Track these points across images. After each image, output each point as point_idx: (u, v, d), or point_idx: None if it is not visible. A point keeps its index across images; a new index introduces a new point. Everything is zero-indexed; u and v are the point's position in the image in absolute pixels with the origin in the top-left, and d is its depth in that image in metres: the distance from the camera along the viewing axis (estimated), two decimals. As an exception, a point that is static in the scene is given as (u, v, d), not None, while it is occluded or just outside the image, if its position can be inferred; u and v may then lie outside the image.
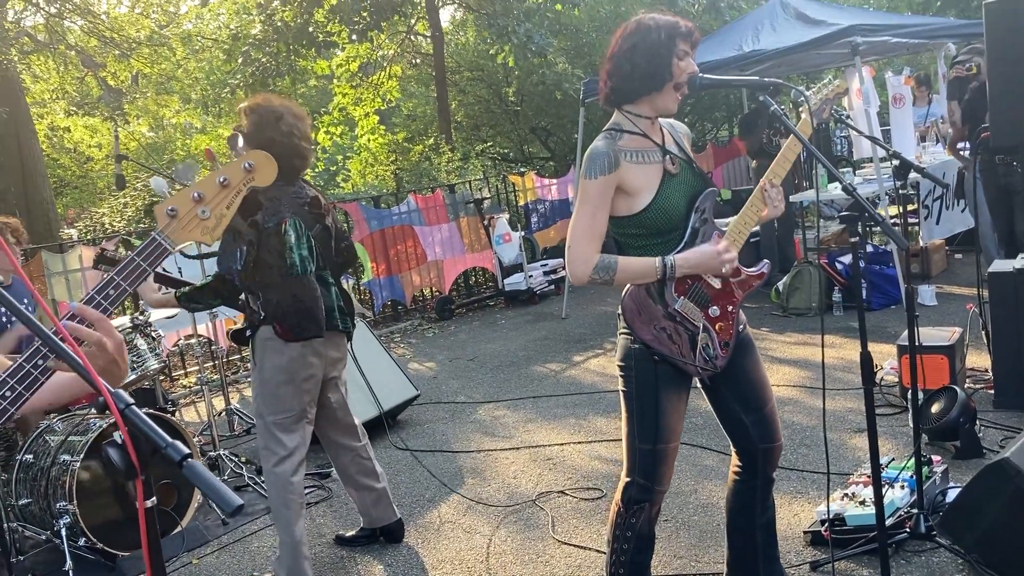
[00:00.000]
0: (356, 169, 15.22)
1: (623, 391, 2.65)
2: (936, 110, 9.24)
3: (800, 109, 2.65)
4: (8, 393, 1.35)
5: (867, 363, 2.50)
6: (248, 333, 3.49)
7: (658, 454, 2.62)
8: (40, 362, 1.37)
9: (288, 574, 3.48)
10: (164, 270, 4.25)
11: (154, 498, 1.22)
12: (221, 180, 1.58)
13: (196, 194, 1.56)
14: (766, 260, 2.65)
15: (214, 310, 5.25)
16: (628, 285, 2.57)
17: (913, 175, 4.04)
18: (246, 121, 3.45)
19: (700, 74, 2.50)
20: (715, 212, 2.64)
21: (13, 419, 1.39)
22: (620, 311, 2.60)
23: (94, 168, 18.54)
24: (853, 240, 2.51)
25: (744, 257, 2.62)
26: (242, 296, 3.48)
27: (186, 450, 1.16)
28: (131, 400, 1.21)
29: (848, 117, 3.14)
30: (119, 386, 1.35)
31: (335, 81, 15.08)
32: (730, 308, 2.61)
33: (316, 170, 11.97)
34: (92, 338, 1.41)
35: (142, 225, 11.04)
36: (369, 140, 15.02)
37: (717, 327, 2.59)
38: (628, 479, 2.69)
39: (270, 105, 3.49)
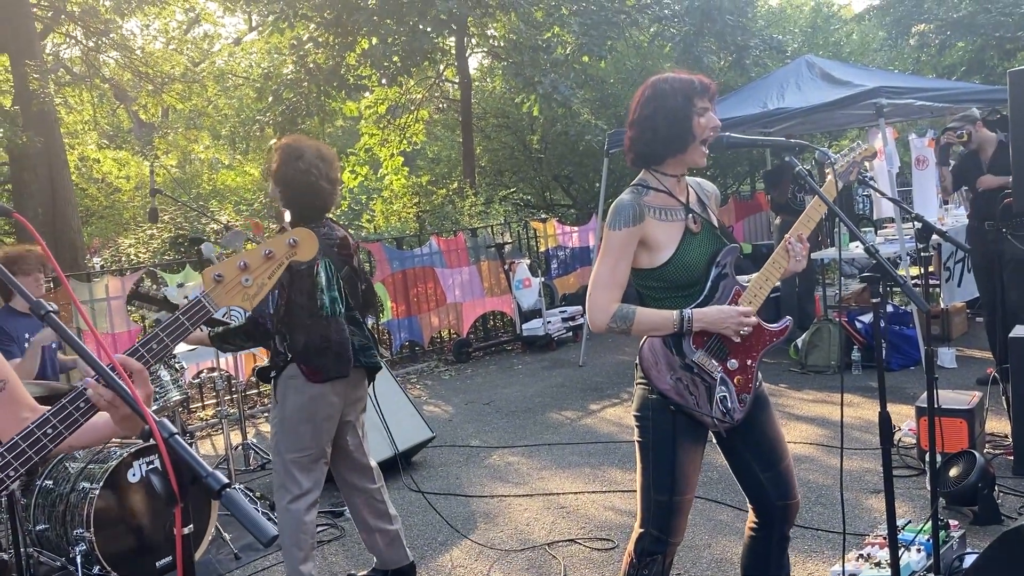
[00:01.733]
0: (379, 210, 15.39)
1: (639, 441, 2.66)
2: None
3: (826, 170, 2.69)
4: (49, 431, 1.42)
5: (886, 423, 2.51)
6: (273, 374, 3.54)
7: (673, 506, 2.63)
8: (82, 404, 1.44)
9: None
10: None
11: (191, 525, 1.26)
12: (266, 252, 1.70)
13: (242, 263, 1.69)
14: (788, 317, 2.68)
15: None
16: (646, 336, 2.61)
17: (935, 237, 4.09)
18: (275, 159, 3.54)
19: (728, 134, 2.56)
20: (736, 268, 2.68)
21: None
22: (638, 360, 2.62)
23: (121, 199, 18.82)
24: (875, 301, 2.54)
25: (764, 312, 2.65)
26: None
27: (225, 480, 1.20)
28: (175, 430, 1.26)
29: (872, 179, 3.18)
30: (136, 434, 1.44)
31: (363, 122, 15.32)
32: (749, 362, 2.63)
33: (340, 209, 12.11)
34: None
35: (167, 258, 11.19)
36: (392, 181, 15.21)
37: (735, 380, 2.61)
38: (642, 530, 2.70)
39: (297, 144, 3.57)
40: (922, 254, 4.61)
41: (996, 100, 7.89)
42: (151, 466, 3.99)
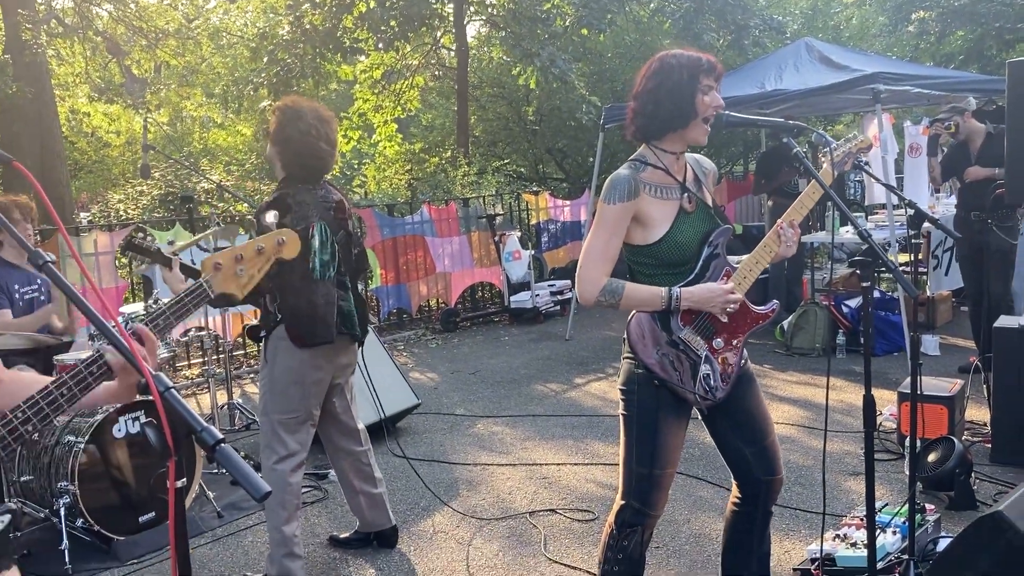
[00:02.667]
0: (371, 175, 15.32)
1: (623, 414, 2.69)
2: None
3: (822, 158, 2.70)
4: (65, 392, 1.49)
5: (870, 407, 2.54)
6: (263, 333, 3.54)
7: (654, 479, 2.66)
8: (96, 369, 1.53)
9: (279, 573, 3.51)
10: (192, 263, 4.31)
11: (184, 479, 1.27)
12: (258, 248, 1.90)
13: (239, 255, 1.87)
14: (775, 300, 2.70)
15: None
16: (635, 311, 2.63)
17: (925, 225, 4.12)
18: (273, 120, 3.52)
19: (727, 112, 2.56)
20: (727, 248, 2.70)
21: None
22: (626, 335, 2.65)
23: (111, 154, 18.66)
24: (864, 285, 2.56)
25: (752, 293, 2.67)
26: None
27: (219, 435, 1.21)
28: (171, 384, 1.26)
29: (867, 164, 3.15)
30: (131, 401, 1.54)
31: (357, 86, 15.20)
32: (735, 342, 2.66)
33: (332, 174, 12.03)
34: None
35: (156, 214, 11.12)
36: (385, 147, 15.13)
37: (720, 359, 2.63)
38: (623, 502, 2.73)
39: (296, 105, 3.55)
40: (912, 241, 4.63)
41: (993, 90, 7.91)
42: (143, 421, 4.01)
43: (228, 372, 6.23)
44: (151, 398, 3.76)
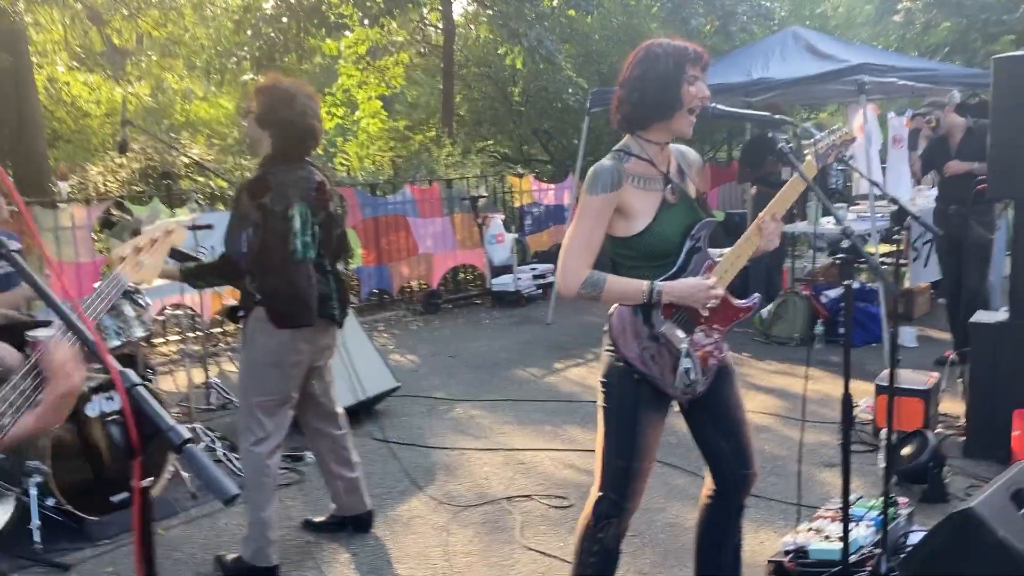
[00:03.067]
0: (353, 151, 15.19)
1: (603, 407, 2.69)
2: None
3: (805, 151, 2.69)
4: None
5: (848, 404, 2.54)
6: (241, 313, 3.50)
7: (632, 472, 2.66)
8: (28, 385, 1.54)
9: (253, 555, 3.49)
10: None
11: (150, 478, 1.24)
12: (153, 238, 2.08)
13: (137, 246, 2.04)
14: (757, 294, 2.70)
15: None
16: (616, 304, 2.61)
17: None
18: (257, 102, 3.46)
19: (713, 104, 2.54)
20: (709, 240, 2.68)
21: None
22: (607, 327, 2.63)
23: (91, 124, 18.39)
24: (846, 283, 2.55)
25: (733, 281, 2.66)
26: None
27: (186, 435, 1.18)
28: (138, 380, 1.23)
29: (851, 157, 3.16)
30: (60, 423, 1.67)
31: (341, 62, 15.05)
32: (715, 336, 2.65)
33: (315, 152, 11.90)
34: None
35: (135, 188, 10.99)
36: (369, 124, 15.01)
37: (700, 353, 2.62)
38: (600, 494, 2.73)
39: (282, 85, 3.50)
40: (894, 237, 4.64)
41: (977, 84, 7.93)
42: (111, 416, 3.96)
43: (205, 350, 6.18)
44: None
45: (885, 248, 8.80)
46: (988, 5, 13.46)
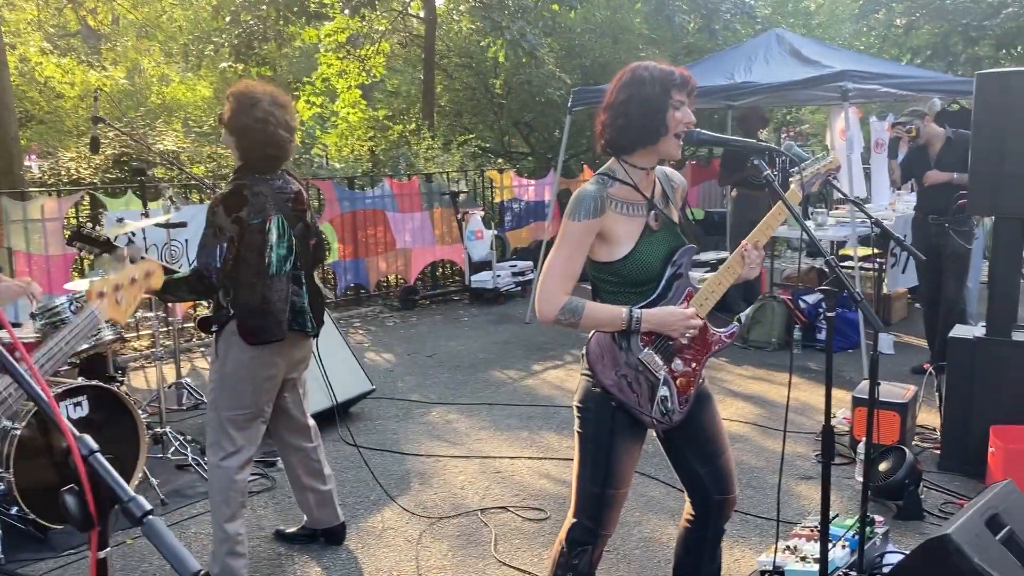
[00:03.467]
0: (332, 142, 15.02)
1: (579, 432, 2.65)
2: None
3: (791, 179, 2.65)
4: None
5: (828, 438, 2.51)
6: (215, 328, 3.42)
7: (607, 498, 2.62)
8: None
9: (221, 571, 3.43)
10: (144, 237, 4.16)
11: (108, 549, 1.18)
12: (132, 278, 2.09)
13: (117, 284, 2.05)
14: (735, 324, 2.66)
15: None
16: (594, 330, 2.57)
17: (886, 222, 4.14)
18: (227, 107, 3.37)
19: (699, 130, 2.50)
20: (691, 242, 2.65)
21: None
22: (585, 352, 2.59)
23: (64, 105, 18.07)
24: (830, 315, 2.52)
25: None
26: None
27: (147, 506, 1.12)
28: (96, 447, 1.17)
29: (836, 179, 3.12)
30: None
31: (321, 50, 14.86)
32: (694, 365, 2.62)
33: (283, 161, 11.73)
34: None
35: (108, 175, 10.78)
36: (349, 113, 14.83)
37: (678, 382, 2.59)
38: (574, 520, 2.69)
39: (249, 90, 3.39)
40: (875, 251, 4.60)
41: (958, 91, 7.95)
42: (85, 407, 3.88)
43: (176, 348, 6.08)
44: (94, 383, 3.60)
45: (864, 251, 8.82)
46: (969, 10, 13.52)
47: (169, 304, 5.97)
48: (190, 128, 14.16)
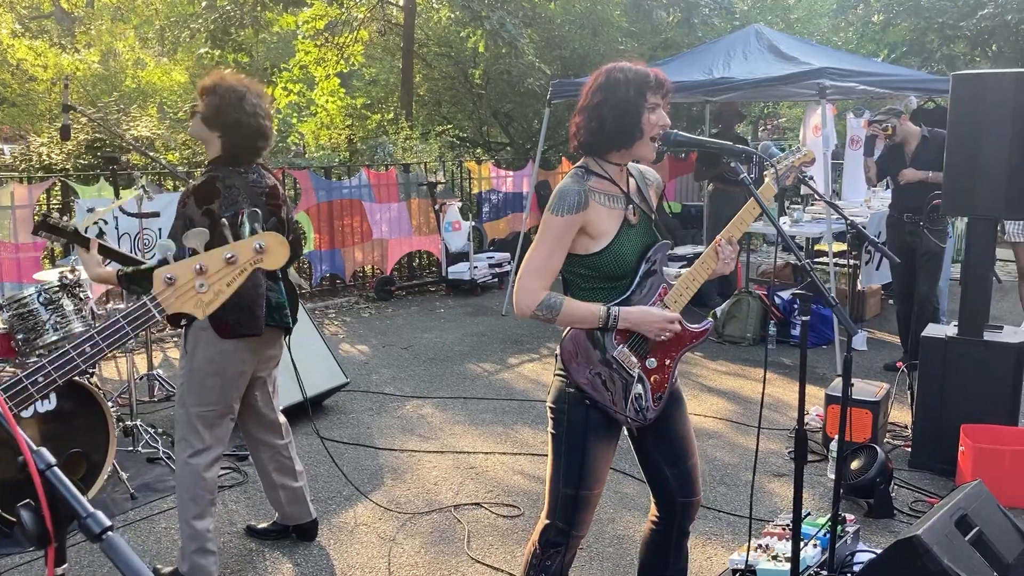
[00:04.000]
0: (309, 130, 14.89)
1: (552, 433, 2.64)
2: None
3: (765, 174, 2.65)
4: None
5: (802, 443, 2.52)
6: (183, 322, 3.37)
7: (580, 499, 2.62)
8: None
9: (190, 569, 3.39)
10: (101, 233, 4.10)
11: (66, 565, 1.15)
12: (228, 256, 1.56)
13: (199, 266, 1.54)
14: (709, 320, 2.66)
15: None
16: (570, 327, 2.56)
17: (860, 220, 4.17)
18: (204, 102, 3.31)
19: (675, 131, 2.48)
20: (665, 232, 2.64)
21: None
22: (558, 351, 2.58)
23: (36, 88, 17.79)
24: (804, 319, 2.53)
25: None
26: None
27: (107, 522, 1.09)
28: (53, 460, 1.14)
29: (810, 178, 3.12)
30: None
31: (299, 38, 14.71)
32: (668, 362, 2.61)
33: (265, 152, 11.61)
34: None
35: (81, 161, 10.62)
36: (327, 102, 14.70)
37: (652, 379, 2.58)
38: (547, 521, 2.68)
39: (230, 84, 3.34)
40: (851, 257, 4.61)
41: (934, 89, 8.00)
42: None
43: (148, 339, 6.01)
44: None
45: (839, 247, 8.88)
46: (944, 9, 13.61)
47: (136, 296, 5.89)
48: (165, 113, 13.99)
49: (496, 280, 9.84)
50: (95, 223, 4.62)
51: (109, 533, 1.09)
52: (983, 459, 4.24)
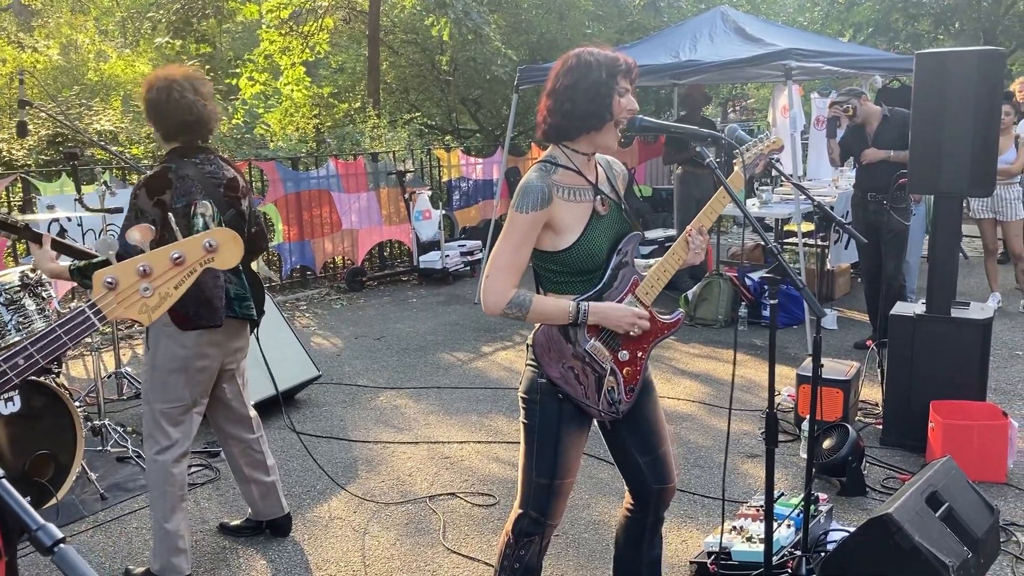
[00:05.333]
0: (275, 120, 14.72)
1: (524, 423, 2.62)
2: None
3: (734, 162, 2.64)
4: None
5: (772, 425, 2.52)
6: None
7: (553, 489, 2.61)
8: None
9: (162, 568, 3.35)
10: (63, 231, 4.03)
11: (18, 578, 1.12)
12: (175, 256, 1.45)
13: (143, 267, 1.43)
14: (680, 311, 2.65)
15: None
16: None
17: (828, 200, 4.19)
18: (142, 95, 3.25)
19: (641, 116, 2.47)
20: (635, 214, 2.63)
21: None
22: (531, 343, 2.56)
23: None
24: (772, 303, 2.52)
25: None
26: None
27: (58, 535, 1.06)
28: (1, 472, 1.10)
29: (779, 162, 3.15)
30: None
31: (263, 26, 14.52)
32: (639, 354, 2.60)
33: (234, 121, 11.50)
34: None
35: (43, 156, 10.45)
36: (293, 91, 14.54)
37: (624, 372, 2.58)
38: (520, 511, 2.67)
39: (160, 75, 3.27)
40: (820, 237, 4.63)
41: (898, 69, 8.05)
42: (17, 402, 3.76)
43: (115, 337, 5.92)
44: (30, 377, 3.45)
45: (808, 227, 8.94)
46: (909, -13, 13.72)
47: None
48: (130, 106, 13.76)
49: (468, 268, 9.80)
50: (55, 220, 4.52)
51: (61, 545, 1.06)
52: (952, 435, 4.29)
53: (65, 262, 3.32)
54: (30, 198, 7.34)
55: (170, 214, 3.14)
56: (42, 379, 4.20)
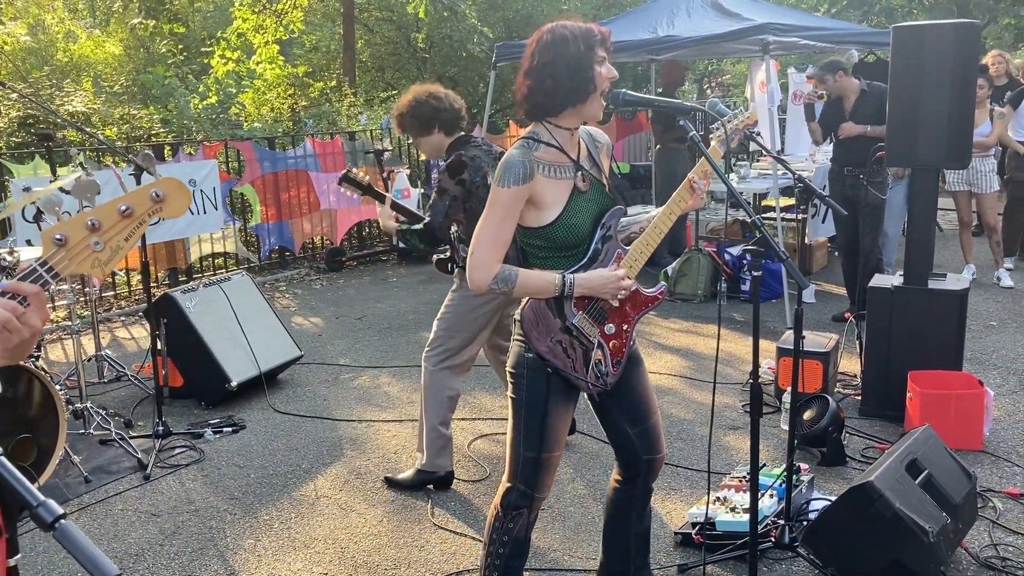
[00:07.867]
0: (249, 99, 14.56)
1: (512, 397, 2.65)
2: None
3: (711, 136, 2.66)
4: None
5: (757, 396, 2.55)
6: (450, 267, 4.08)
7: (541, 462, 2.64)
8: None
9: (430, 464, 4.05)
10: (40, 213, 3.99)
11: (19, 555, 1.12)
12: (122, 209, 1.44)
13: (91, 221, 1.42)
14: (663, 283, 2.68)
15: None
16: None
17: (806, 174, 4.22)
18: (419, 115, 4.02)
19: (624, 91, 2.48)
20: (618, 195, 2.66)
21: None
22: (519, 318, 2.57)
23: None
24: (755, 275, 2.55)
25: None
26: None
27: (59, 510, 1.06)
28: (-2, 450, 1.10)
29: (758, 133, 3.18)
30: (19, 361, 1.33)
31: (236, 4, 14.35)
32: (625, 327, 2.63)
33: (207, 102, 11.35)
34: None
35: (15, 139, 10.29)
36: (266, 69, 14.39)
37: (611, 344, 2.60)
38: (509, 484, 2.70)
39: (425, 90, 4.10)
40: (800, 213, 4.66)
41: (874, 43, 8.09)
42: None
43: (95, 320, 5.87)
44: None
45: (786, 202, 9.00)
46: (883, -41, 13.75)
47: (84, 275, 5.76)
48: (101, 87, 13.57)
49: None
50: (32, 203, 4.47)
51: (62, 521, 1.06)
52: (930, 404, 4.36)
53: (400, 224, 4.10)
54: (2, 180, 7.24)
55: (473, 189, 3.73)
56: (23, 362, 4.16)
